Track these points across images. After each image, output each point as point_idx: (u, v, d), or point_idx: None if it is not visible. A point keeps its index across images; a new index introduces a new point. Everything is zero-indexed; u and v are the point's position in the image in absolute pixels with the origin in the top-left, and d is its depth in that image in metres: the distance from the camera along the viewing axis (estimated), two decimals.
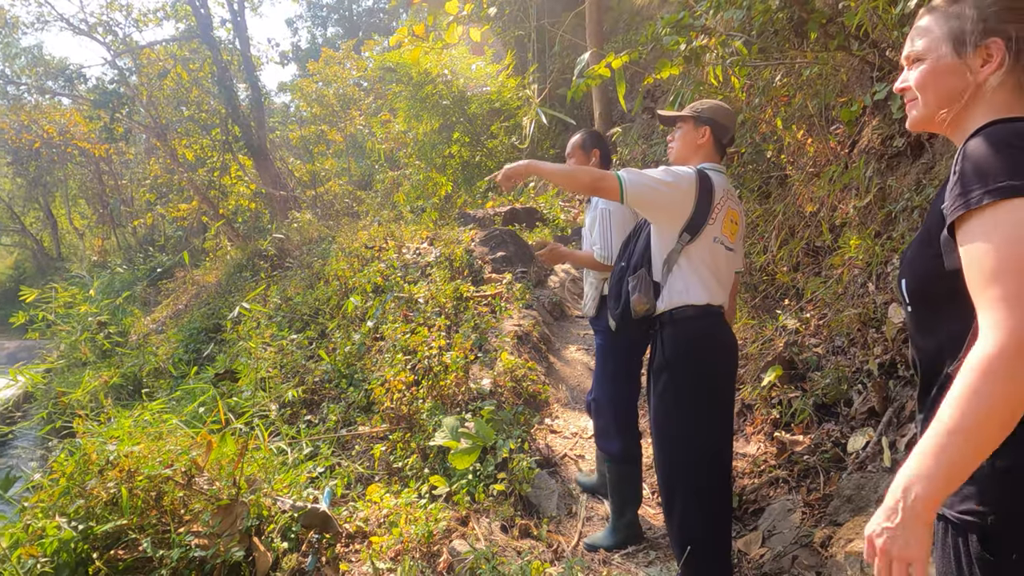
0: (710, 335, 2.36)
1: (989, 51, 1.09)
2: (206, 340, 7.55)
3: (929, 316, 1.13)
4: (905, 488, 0.96)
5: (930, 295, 1.12)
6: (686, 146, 2.49)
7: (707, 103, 2.51)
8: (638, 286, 2.36)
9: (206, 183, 15.21)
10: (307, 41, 30.71)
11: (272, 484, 3.17)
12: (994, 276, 0.94)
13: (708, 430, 2.33)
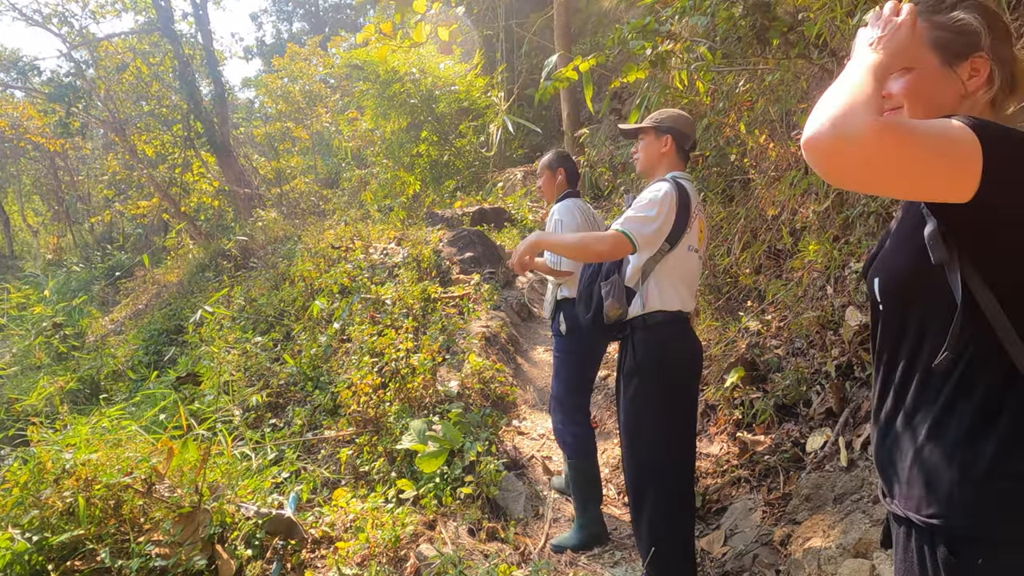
0: (681, 340, 2.44)
1: (975, 65, 1.11)
2: (167, 342, 7.38)
3: (901, 313, 1.14)
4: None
5: (906, 291, 1.13)
6: (650, 156, 2.55)
7: (667, 112, 2.57)
8: (611, 291, 2.40)
9: (167, 180, 14.87)
10: (272, 36, 30.24)
11: (236, 490, 3.12)
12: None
13: (677, 432, 2.42)
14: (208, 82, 15.26)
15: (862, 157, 0.91)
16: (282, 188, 14.76)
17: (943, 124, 0.95)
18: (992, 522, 1.00)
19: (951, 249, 1.02)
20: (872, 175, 0.94)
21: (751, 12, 4.35)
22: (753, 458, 3.24)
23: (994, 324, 1.00)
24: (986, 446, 1.00)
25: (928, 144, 0.93)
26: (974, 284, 1.01)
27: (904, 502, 1.10)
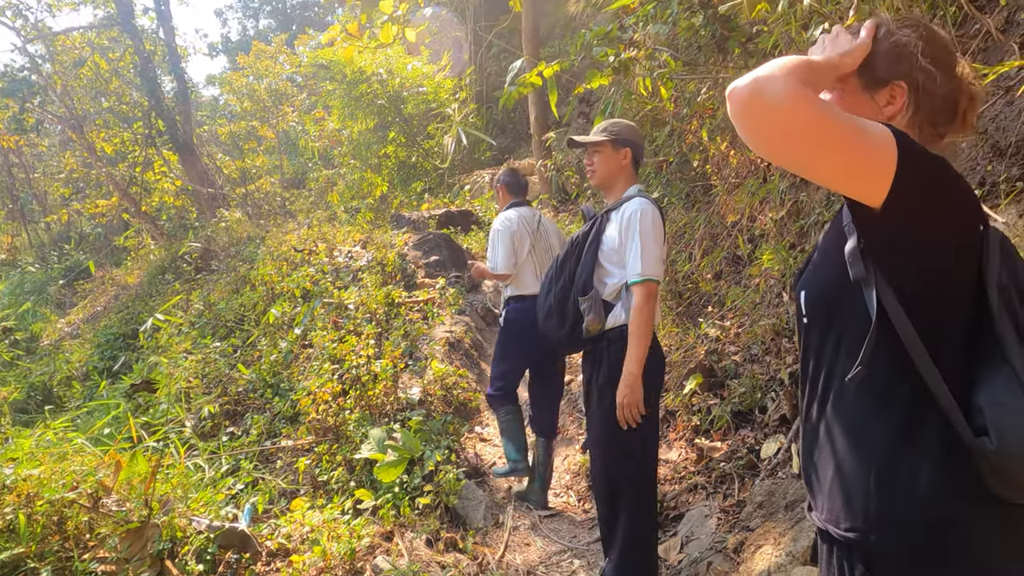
0: (655, 350, 2.48)
1: (893, 92, 1.13)
2: (123, 347, 7.18)
3: (823, 327, 1.16)
4: None
5: (828, 305, 1.14)
6: (610, 169, 2.56)
7: (620, 124, 2.58)
8: (592, 307, 2.43)
9: (127, 179, 14.48)
10: (238, 33, 29.72)
11: (188, 503, 3.05)
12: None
13: (649, 441, 2.50)
14: (170, 79, 14.90)
15: (776, 119, 0.93)
16: (247, 188, 14.50)
17: (866, 120, 0.98)
18: (905, 537, 1.01)
19: (868, 266, 1.04)
20: (783, 140, 0.96)
21: (711, 22, 4.41)
22: (710, 465, 3.28)
23: (906, 342, 1.01)
24: (900, 462, 1.02)
25: (844, 127, 0.94)
26: (888, 302, 1.02)
27: (825, 515, 1.11)
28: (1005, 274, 1.02)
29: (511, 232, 3.61)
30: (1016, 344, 0.97)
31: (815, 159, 0.98)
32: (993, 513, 0.99)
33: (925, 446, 1.01)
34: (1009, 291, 1.01)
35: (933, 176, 0.99)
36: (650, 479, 2.52)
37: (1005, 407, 0.94)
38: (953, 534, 0.99)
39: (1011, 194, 2.49)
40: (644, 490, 2.48)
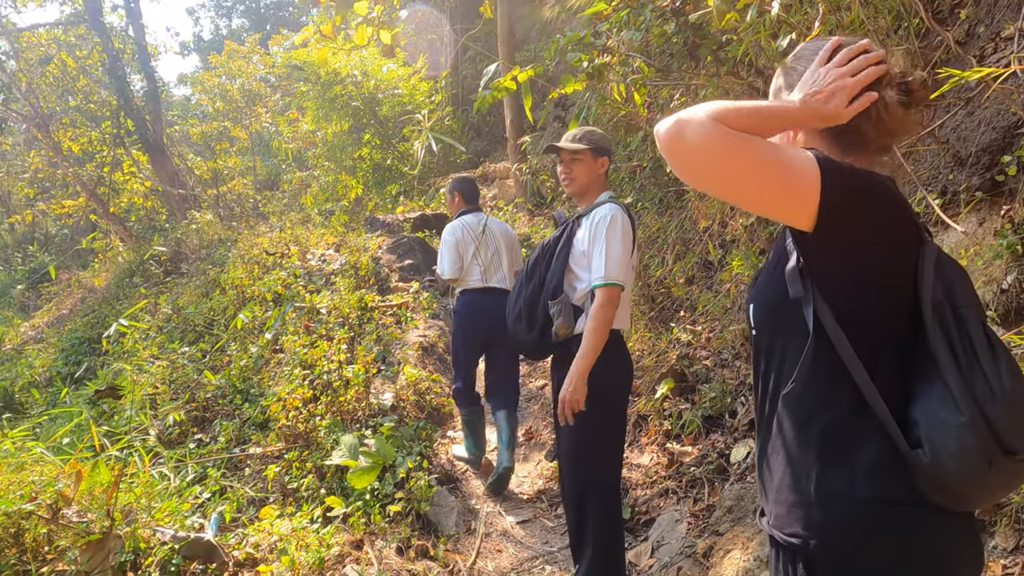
0: (624, 357, 2.52)
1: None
2: (89, 352, 7.01)
3: (769, 340, 1.20)
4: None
5: (773, 320, 1.19)
6: (588, 178, 2.56)
7: (597, 132, 2.58)
8: (561, 311, 2.43)
9: (95, 179, 14.16)
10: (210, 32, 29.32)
11: (152, 513, 2.99)
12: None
13: (619, 447, 2.55)
14: (140, 78, 14.64)
15: (691, 157, 1.02)
16: (219, 189, 14.27)
17: (787, 149, 1.03)
18: (843, 542, 1.05)
19: (806, 285, 1.08)
20: (702, 176, 1.06)
21: (683, 30, 4.45)
22: (681, 469, 3.30)
23: (844, 357, 1.05)
24: (838, 470, 1.05)
25: (762, 162, 1.00)
26: (826, 319, 1.06)
27: (772, 520, 1.14)
28: (940, 290, 1.05)
29: (455, 241, 4.03)
30: (949, 361, 1.00)
31: (738, 192, 1.06)
32: (927, 519, 1.03)
33: (863, 456, 1.04)
34: (943, 307, 1.04)
35: (861, 199, 1.04)
36: (616, 487, 2.53)
37: (939, 422, 0.98)
38: (889, 539, 1.02)
39: (971, 203, 2.55)
40: (612, 498, 2.50)
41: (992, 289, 2.33)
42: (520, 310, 2.56)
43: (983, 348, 1.00)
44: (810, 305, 1.07)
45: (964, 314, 1.03)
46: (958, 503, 1.03)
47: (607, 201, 2.53)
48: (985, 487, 1.00)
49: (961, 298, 1.05)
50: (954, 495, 1.01)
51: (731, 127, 1.00)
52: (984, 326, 1.03)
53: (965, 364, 1.00)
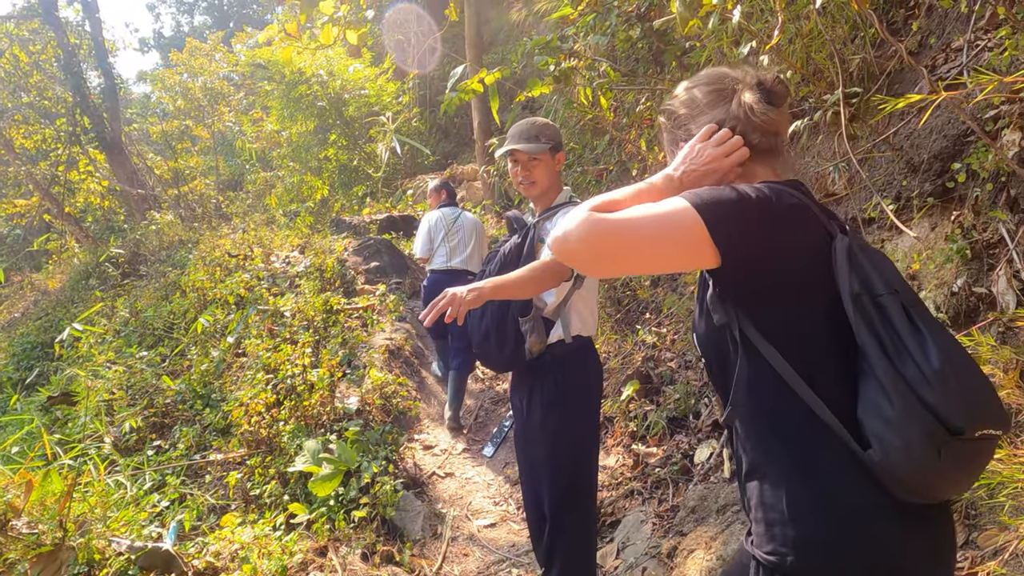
0: (597, 363, 2.47)
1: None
2: (42, 357, 6.78)
3: (717, 364, 1.22)
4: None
5: (714, 347, 1.20)
6: (550, 178, 2.41)
7: (549, 126, 2.42)
8: (533, 327, 2.33)
9: (49, 178, 13.72)
10: (171, 29, 28.69)
11: (107, 523, 2.90)
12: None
13: (594, 453, 2.48)
14: (97, 74, 14.24)
15: (582, 251, 1.07)
16: (180, 190, 13.95)
17: (664, 208, 1.06)
18: (818, 556, 1.05)
19: (727, 309, 1.11)
20: (601, 266, 1.16)
21: (647, 35, 4.51)
22: (646, 470, 3.33)
23: (780, 372, 1.07)
24: (805, 485, 1.06)
25: (645, 231, 1.05)
26: (756, 339, 1.08)
27: (755, 540, 1.14)
28: (856, 282, 1.04)
29: (429, 227, 4.91)
30: (878, 353, 1.00)
31: (643, 263, 1.20)
32: (897, 520, 1.03)
33: (826, 466, 1.05)
34: (862, 298, 1.03)
35: (750, 222, 1.06)
36: (593, 492, 2.49)
37: (880, 418, 0.99)
38: (861, 548, 1.03)
39: (923, 208, 2.63)
40: (590, 504, 2.46)
41: (943, 292, 2.41)
42: (487, 329, 2.40)
43: (907, 332, 1.00)
44: (736, 328, 1.10)
45: (883, 302, 1.03)
46: (924, 496, 1.02)
47: (568, 203, 2.42)
48: (944, 476, 0.99)
49: (879, 286, 1.04)
50: (915, 489, 1.00)
51: (606, 212, 1.07)
52: (907, 309, 1.02)
53: (894, 352, 0.99)
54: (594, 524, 2.52)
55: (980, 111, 2.47)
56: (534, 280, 2.12)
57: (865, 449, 1.00)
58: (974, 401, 0.97)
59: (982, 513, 1.98)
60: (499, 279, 2.08)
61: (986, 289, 2.26)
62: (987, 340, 1.99)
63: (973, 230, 2.39)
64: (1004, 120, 2.34)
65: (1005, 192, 2.31)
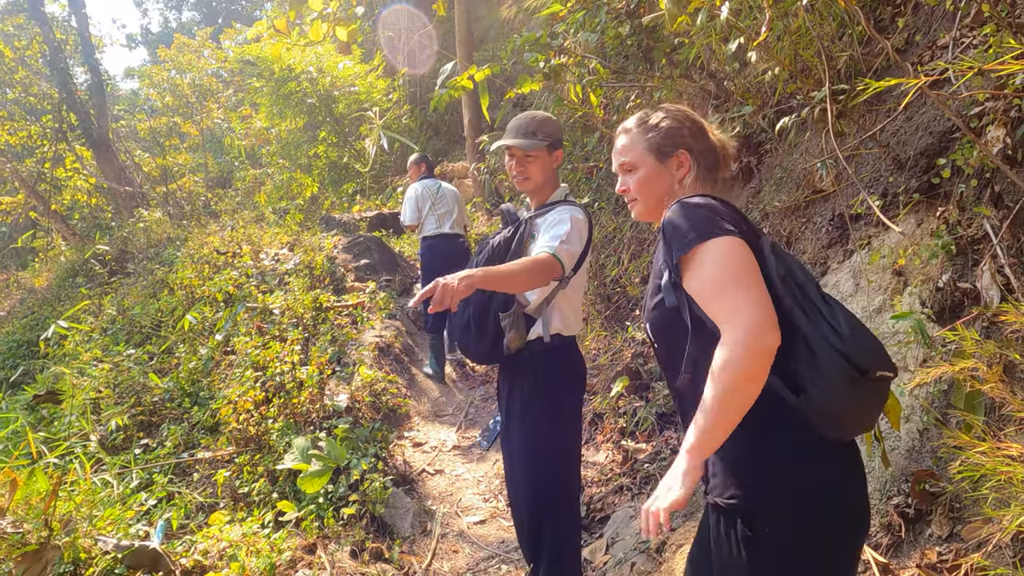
0: (579, 360, 2.47)
1: (680, 159, 1.53)
2: (27, 355, 6.72)
3: (668, 346, 1.44)
4: (682, 449, 1.27)
5: (666, 329, 1.44)
6: (545, 174, 2.39)
7: (550, 122, 2.40)
8: (513, 323, 2.31)
9: (35, 175, 13.59)
10: (159, 25, 28.46)
11: (93, 522, 2.88)
12: (720, 292, 1.29)
13: (575, 449, 2.50)
14: (84, 70, 14.11)
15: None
16: (168, 187, 13.85)
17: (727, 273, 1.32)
18: (772, 497, 1.28)
19: (679, 295, 1.35)
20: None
21: (637, 32, 4.51)
22: (635, 466, 3.34)
23: None
24: (756, 436, 1.28)
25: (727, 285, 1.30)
26: (702, 315, 1.32)
27: (713, 491, 1.35)
28: (782, 268, 1.35)
29: (416, 197, 5.42)
30: (804, 320, 1.30)
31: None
32: (832, 456, 1.30)
33: (768, 417, 1.27)
34: (787, 280, 1.34)
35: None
36: (574, 489, 2.50)
37: (807, 365, 1.26)
38: (807, 481, 1.28)
39: (908, 204, 2.65)
40: (570, 499, 2.46)
41: (929, 288, 2.43)
42: (469, 319, 2.39)
43: (822, 304, 1.32)
44: (686, 309, 1.34)
45: (802, 283, 1.34)
46: (842, 429, 1.30)
47: (563, 202, 2.40)
48: (855, 408, 1.28)
49: (798, 275, 1.35)
50: (836, 421, 1.27)
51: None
52: (819, 290, 1.35)
53: (814, 318, 1.30)
54: (577, 521, 2.52)
55: (965, 108, 2.49)
56: (525, 276, 2.09)
57: (798, 395, 1.26)
58: (872, 351, 1.28)
59: (966, 506, 2.00)
60: (491, 269, 2.02)
61: (971, 284, 2.28)
62: (971, 335, 2.01)
63: (958, 226, 2.41)
64: (989, 117, 2.36)
65: (989, 188, 2.33)
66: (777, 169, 3.64)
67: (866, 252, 2.81)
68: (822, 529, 1.27)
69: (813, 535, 1.28)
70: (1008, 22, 2.24)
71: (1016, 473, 1.63)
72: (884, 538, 2.14)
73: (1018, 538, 1.81)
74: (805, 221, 3.30)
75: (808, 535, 1.28)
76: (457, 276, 1.87)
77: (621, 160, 1.60)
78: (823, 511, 1.27)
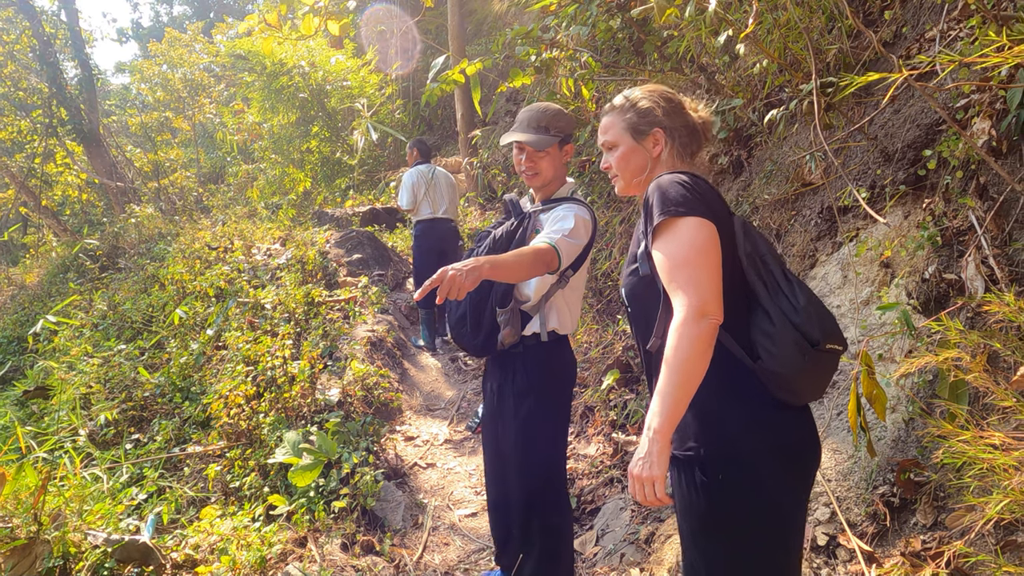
0: (570, 356, 2.47)
1: (656, 137, 1.64)
2: (17, 351, 6.69)
3: (641, 311, 1.57)
4: (648, 425, 1.32)
5: (639, 296, 1.56)
6: (555, 170, 2.35)
7: (562, 116, 2.34)
8: (509, 320, 2.31)
9: (25, 170, 13.49)
10: (150, 19, 28.24)
11: (83, 516, 2.87)
12: (673, 269, 1.38)
13: (564, 444, 2.51)
14: (74, 64, 14.00)
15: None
16: (160, 182, 13.77)
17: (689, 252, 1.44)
18: (725, 446, 1.41)
19: (652, 263, 1.46)
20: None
21: (628, 25, 4.51)
22: (625, 458, 3.36)
23: None
24: (712, 393, 1.38)
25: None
26: None
27: (676, 444, 1.46)
28: (749, 245, 1.48)
29: (412, 183, 5.79)
30: (764, 293, 1.44)
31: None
32: (784, 413, 1.44)
33: (728, 378, 1.41)
34: (753, 256, 1.48)
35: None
36: (562, 487, 2.49)
37: (766, 335, 1.41)
38: (758, 437, 1.41)
39: (895, 196, 2.66)
40: (562, 491, 2.48)
41: (915, 279, 2.44)
42: (465, 311, 2.37)
43: (782, 280, 1.46)
44: (659, 278, 1.44)
45: (766, 260, 1.48)
46: (795, 394, 1.43)
47: (570, 199, 2.35)
48: (807, 376, 1.41)
49: (764, 252, 1.48)
50: (789, 386, 1.41)
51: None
52: (782, 266, 1.48)
53: (774, 292, 1.44)
54: (568, 514, 2.51)
55: (951, 100, 2.50)
56: (527, 266, 2.06)
57: (755, 360, 1.41)
58: (823, 326, 1.41)
59: (950, 495, 2.02)
60: (497, 259, 1.97)
61: (956, 275, 2.29)
62: (956, 325, 2.02)
63: (944, 217, 2.42)
64: (974, 109, 2.37)
65: (975, 180, 2.35)
66: (767, 162, 3.65)
67: (854, 244, 2.83)
68: (772, 474, 1.41)
69: (764, 479, 1.40)
70: (993, 15, 2.25)
71: (997, 461, 1.65)
72: (870, 527, 2.15)
73: (1000, 525, 1.83)
74: (794, 213, 3.31)
75: (759, 479, 1.40)
76: (465, 267, 1.82)
77: (603, 139, 1.71)
78: (773, 458, 1.41)
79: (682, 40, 3.79)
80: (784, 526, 1.45)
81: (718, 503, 1.41)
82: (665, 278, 1.40)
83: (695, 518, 1.45)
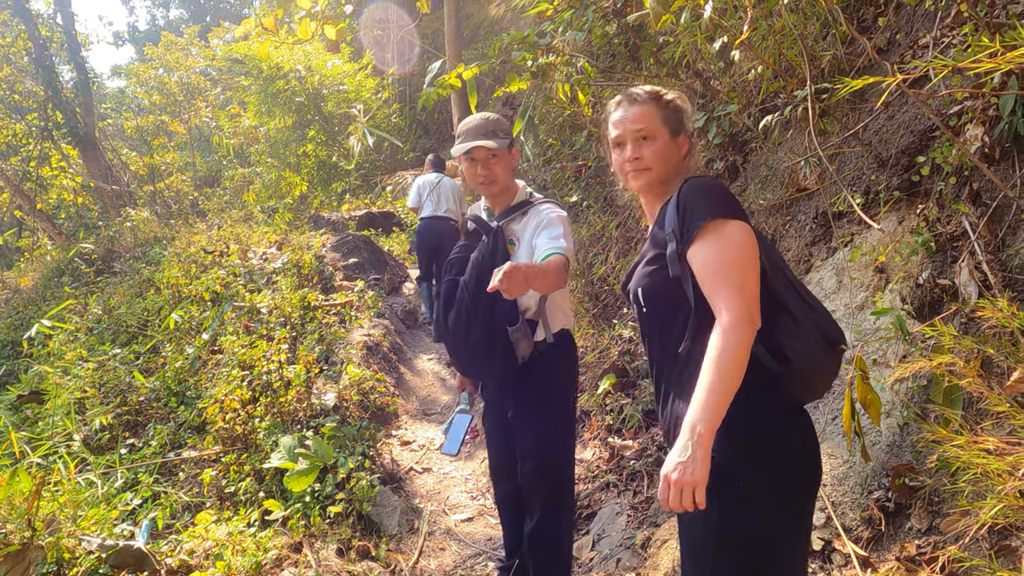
0: (575, 351, 2.49)
1: (682, 143, 1.61)
2: (12, 355, 6.66)
3: (664, 312, 1.52)
4: (691, 428, 1.28)
5: (663, 296, 1.51)
6: (509, 175, 2.37)
7: (504, 123, 2.35)
8: (522, 334, 2.29)
9: (20, 174, 13.45)
10: (146, 22, 28.22)
11: (78, 522, 2.86)
12: (721, 272, 1.38)
13: (574, 443, 2.51)
14: (70, 68, 14.00)
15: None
16: (156, 186, 13.76)
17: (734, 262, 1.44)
18: (739, 450, 1.38)
19: (683, 265, 1.44)
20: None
21: (624, 31, 4.53)
22: (621, 463, 3.36)
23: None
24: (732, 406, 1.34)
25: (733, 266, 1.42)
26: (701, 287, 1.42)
27: None
28: (766, 251, 1.47)
29: (418, 186, 6.51)
30: (789, 296, 1.45)
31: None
32: (799, 416, 1.46)
33: (750, 382, 1.34)
34: (773, 260, 1.48)
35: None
36: (573, 488, 2.52)
37: (791, 335, 1.42)
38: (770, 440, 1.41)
39: (889, 202, 2.68)
40: (572, 492, 2.48)
41: (909, 284, 2.45)
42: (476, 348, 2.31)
43: (799, 284, 1.50)
44: (689, 281, 1.43)
45: (781, 266, 1.50)
46: (813, 391, 1.49)
47: (535, 202, 2.35)
48: (822, 374, 1.47)
49: (776, 257, 1.51)
50: (811, 385, 1.47)
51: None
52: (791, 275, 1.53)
53: (796, 295, 1.47)
54: (571, 518, 2.55)
55: (944, 106, 2.52)
56: (554, 277, 2.07)
57: (781, 362, 1.41)
58: (836, 326, 1.47)
59: (945, 500, 2.03)
60: (536, 268, 1.96)
61: (949, 281, 2.31)
62: (950, 330, 2.03)
63: (937, 223, 2.43)
64: (967, 115, 2.39)
65: (968, 186, 2.36)
66: (762, 167, 3.66)
67: (848, 249, 2.84)
68: (790, 481, 1.41)
69: (782, 486, 1.40)
70: (986, 22, 2.27)
71: (992, 466, 1.66)
72: (865, 532, 2.16)
73: (994, 530, 1.84)
74: (789, 219, 3.33)
75: (778, 486, 1.39)
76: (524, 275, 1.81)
77: (637, 127, 1.56)
78: (790, 464, 1.42)
79: (678, 46, 3.81)
80: (800, 535, 1.44)
81: (736, 512, 1.37)
82: (709, 280, 1.38)
83: (709, 527, 1.40)
